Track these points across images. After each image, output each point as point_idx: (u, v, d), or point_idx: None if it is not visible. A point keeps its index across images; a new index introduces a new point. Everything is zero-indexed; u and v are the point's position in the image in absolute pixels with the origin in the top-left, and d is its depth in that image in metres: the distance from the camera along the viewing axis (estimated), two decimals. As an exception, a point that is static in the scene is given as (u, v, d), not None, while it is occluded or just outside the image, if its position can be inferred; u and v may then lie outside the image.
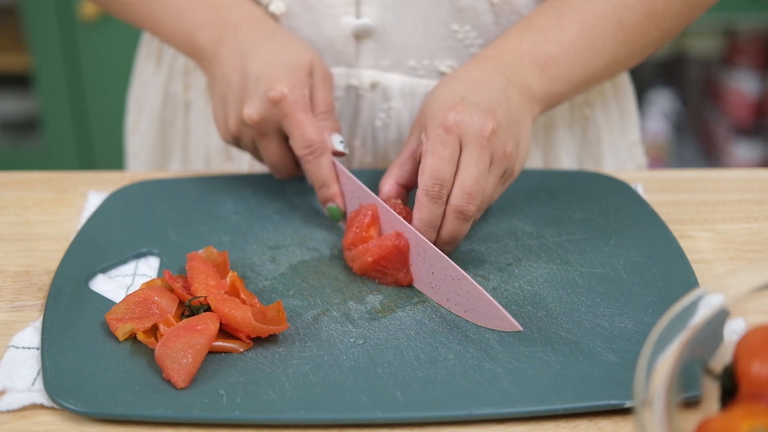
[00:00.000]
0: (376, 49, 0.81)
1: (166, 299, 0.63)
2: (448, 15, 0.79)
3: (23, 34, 2.01)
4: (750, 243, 0.73)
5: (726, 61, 2.23)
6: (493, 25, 0.80)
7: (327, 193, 0.72)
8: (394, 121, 0.83)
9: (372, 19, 0.79)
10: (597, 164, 0.91)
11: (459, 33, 0.80)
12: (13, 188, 0.81)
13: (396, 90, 0.82)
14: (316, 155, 0.72)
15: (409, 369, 0.58)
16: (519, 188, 0.78)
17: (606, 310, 0.63)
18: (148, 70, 0.93)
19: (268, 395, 0.56)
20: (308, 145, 0.71)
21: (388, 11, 0.79)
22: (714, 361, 0.52)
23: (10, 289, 0.68)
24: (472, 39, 0.80)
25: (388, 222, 0.68)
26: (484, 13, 0.79)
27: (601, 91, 0.89)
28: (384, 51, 0.81)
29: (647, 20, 0.74)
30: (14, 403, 0.57)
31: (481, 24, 0.80)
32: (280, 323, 0.61)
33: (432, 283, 0.65)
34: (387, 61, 0.81)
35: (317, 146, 0.72)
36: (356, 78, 0.82)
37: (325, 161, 0.72)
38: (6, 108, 2.22)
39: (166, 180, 0.81)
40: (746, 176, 0.83)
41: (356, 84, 0.82)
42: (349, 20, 0.79)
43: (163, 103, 0.92)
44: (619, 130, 0.92)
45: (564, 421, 0.56)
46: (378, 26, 0.80)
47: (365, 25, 0.79)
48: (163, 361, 0.57)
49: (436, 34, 0.80)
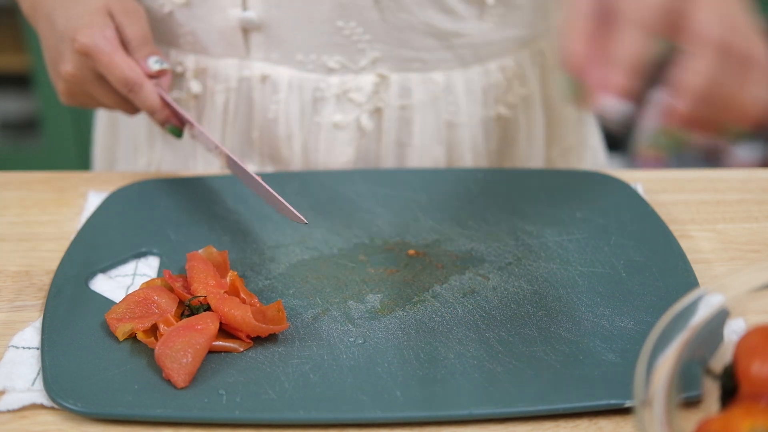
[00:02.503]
0: (266, 42, 0.82)
1: (165, 299, 0.63)
2: (332, 11, 0.79)
3: (23, 34, 2.01)
4: (750, 243, 0.73)
5: (726, 61, 2.23)
6: (380, 21, 0.80)
7: (158, 117, 0.77)
8: (282, 115, 0.84)
9: (257, 13, 0.80)
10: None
11: (345, 29, 0.80)
12: (13, 188, 0.81)
13: (284, 83, 0.83)
14: (135, 90, 0.75)
15: (409, 368, 0.58)
16: (519, 188, 0.78)
17: (606, 310, 0.63)
18: None
19: (268, 395, 0.56)
20: (125, 83, 0.75)
21: (272, 6, 0.80)
22: (714, 361, 0.52)
23: (10, 289, 0.68)
24: (359, 35, 0.80)
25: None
26: (368, 10, 0.79)
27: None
28: (272, 44, 0.82)
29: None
30: (14, 403, 0.57)
31: (367, 20, 0.80)
32: (280, 323, 0.61)
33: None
34: (276, 54, 0.82)
35: (134, 81, 0.75)
36: (248, 70, 0.83)
37: (146, 92, 0.76)
38: (6, 108, 2.22)
39: (166, 180, 0.81)
40: (746, 176, 0.83)
41: (248, 75, 0.83)
42: (236, 13, 0.81)
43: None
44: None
45: (564, 421, 0.56)
46: (263, 20, 0.81)
47: (250, 19, 0.81)
48: (163, 361, 0.57)
49: (321, 30, 0.80)
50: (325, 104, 0.83)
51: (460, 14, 0.81)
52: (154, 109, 0.76)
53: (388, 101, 0.83)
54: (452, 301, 0.65)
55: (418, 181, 0.80)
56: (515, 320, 0.62)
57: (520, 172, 0.82)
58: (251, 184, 0.71)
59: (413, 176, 0.81)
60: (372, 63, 0.82)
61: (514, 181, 0.80)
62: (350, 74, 0.82)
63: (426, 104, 0.84)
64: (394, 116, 0.84)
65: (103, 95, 0.78)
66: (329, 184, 0.79)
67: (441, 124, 0.85)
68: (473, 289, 0.66)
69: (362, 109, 0.83)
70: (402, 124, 0.85)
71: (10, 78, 2.17)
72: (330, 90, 0.83)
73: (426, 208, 0.76)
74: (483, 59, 0.85)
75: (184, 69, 0.85)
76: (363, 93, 0.83)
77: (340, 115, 0.83)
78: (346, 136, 0.84)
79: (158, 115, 0.77)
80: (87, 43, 0.74)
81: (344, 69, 0.82)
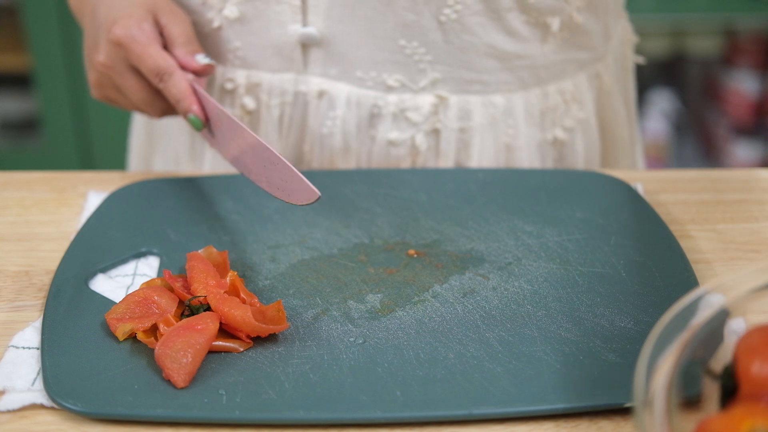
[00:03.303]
0: (324, 58, 0.81)
1: (165, 299, 0.63)
2: (394, 30, 0.79)
3: (23, 34, 2.01)
4: (750, 243, 0.73)
5: (726, 61, 2.23)
6: (443, 42, 0.79)
7: (183, 105, 0.76)
8: (339, 130, 0.83)
9: (317, 29, 0.80)
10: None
11: (407, 48, 0.80)
12: (13, 188, 0.81)
13: (342, 99, 0.82)
14: (165, 79, 0.76)
15: (409, 368, 0.58)
16: (519, 188, 0.78)
17: (606, 310, 0.63)
18: None
19: (268, 395, 0.56)
20: (157, 72, 0.75)
21: (334, 22, 0.79)
22: (714, 361, 0.52)
23: (10, 289, 0.68)
24: (421, 55, 0.80)
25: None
26: (432, 31, 0.79)
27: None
28: (331, 60, 0.81)
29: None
30: (14, 403, 0.57)
31: (430, 41, 0.79)
32: (279, 323, 0.61)
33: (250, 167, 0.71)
34: (334, 70, 0.82)
35: (165, 70, 0.75)
36: (304, 85, 0.83)
37: (175, 80, 0.76)
38: (6, 108, 2.22)
39: (166, 180, 0.81)
40: (746, 176, 0.83)
41: (304, 90, 0.83)
42: (296, 28, 0.80)
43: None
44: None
45: (564, 421, 0.56)
46: (324, 36, 0.80)
47: (310, 34, 0.80)
48: (163, 361, 0.57)
49: (383, 48, 0.80)
50: (381, 120, 0.83)
51: (523, 36, 0.81)
52: (180, 97, 0.75)
53: (446, 123, 0.83)
54: (452, 301, 0.65)
55: (418, 181, 0.80)
56: (515, 320, 0.63)
57: (520, 172, 0.82)
58: (266, 172, 0.70)
59: (413, 176, 0.81)
60: (432, 84, 0.82)
61: (514, 181, 0.80)
62: (409, 93, 0.82)
63: (485, 127, 0.84)
64: (452, 138, 0.83)
65: (131, 87, 0.78)
66: (329, 184, 0.79)
67: (499, 146, 0.85)
68: (473, 289, 0.66)
69: (418, 129, 0.83)
70: (461, 146, 0.84)
71: (10, 78, 2.17)
72: (387, 108, 0.82)
73: (426, 208, 0.76)
74: (543, 82, 0.84)
75: (235, 85, 0.84)
76: (420, 113, 0.82)
77: (396, 132, 0.83)
78: (401, 152, 0.84)
79: (182, 104, 0.75)
80: (121, 34, 0.75)
81: (403, 88, 0.82)
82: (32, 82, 2.06)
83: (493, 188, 0.79)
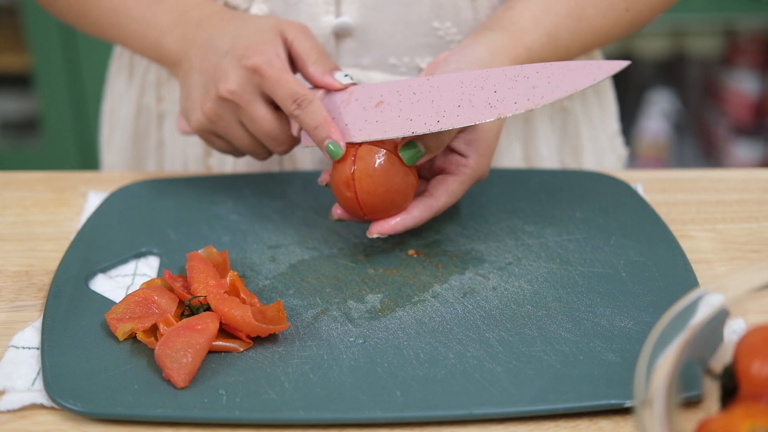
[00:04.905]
0: (356, 47, 0.81)
1: (165, 299, 0.63)
2: (429, 12, 0.80)
3: (23, 34, 2.01)
4: (750, 243, 0.73)
5: (726, 61, 2.23)
6: (473, 20, 0.81)
7: (321, 133, 0.69)
8: None
9: (352, 18, 0.80)
10: (577, 156, 0.92)
11: (440, 30, 0.81)
12: (13, 188, 0.81)
13: None
14: (304, 105, 0.70)
15: (409, 368, 0.58)
16: (519, 188, 0.78)
17: (606, 310, 0.63)
18: (121, 84, 0.94)
19: (268, 395, 0.56)
20: (294, 99, 0.70)
21: (368, 10, 0.80)
22: (714, 361, 0.52)
23: (10, 289, 0.68)
24: (453, 35, 0.81)
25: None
26: (465, 9, 0.80)
27: None
28: (364, 49, 0.81)
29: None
30: (14, 403, 0.57)
31: (462, 20, 0.81)
32: (279, 323, 0.61)
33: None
34: (367, 59, 0.82)
35: (304, 97, 0.70)
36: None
37: (314, 107, 0.70)
38: (6, 108, 2.22)
39: (166, 180, 0.81)
40: (746, 176, 0.83)
41: None
42: (329, 19, 0.80)
43: (136, 116, 0.93)
44: (599, 121, 0.93)
45: (564, 421, 0.56)
46: (358, 25, 0.80)
47: (345, 24, 0.80)
48: (163, 361, 0.57)
49: (417, 32, 0.81)
50: None
51: None
52: (318, 123, 0.69)
53: None
54: (452, 301, 0.65)
55: (418, 181, 0.80)
56: (515, 320, 0.63)
57: (520, 172, 0.82)
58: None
59: (413, 176, 0.81)
60: None
61: (514, 181, 0.80)
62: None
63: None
64: None
65: (259, 118, 0.72)
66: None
67: (519, 121, 0.87)
68: (473, 289, 0.66)
69: None
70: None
71: (10, 78, 2.17)
72: None
73: (426, 208, 0.76)
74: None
75: None
76: None
77: None
78: None
79: (322, 130, 0.69)
80: (258, 61, 0.70)
81: None
82: (32, 82, 2.06)
83: (493, 188, 0.79)
